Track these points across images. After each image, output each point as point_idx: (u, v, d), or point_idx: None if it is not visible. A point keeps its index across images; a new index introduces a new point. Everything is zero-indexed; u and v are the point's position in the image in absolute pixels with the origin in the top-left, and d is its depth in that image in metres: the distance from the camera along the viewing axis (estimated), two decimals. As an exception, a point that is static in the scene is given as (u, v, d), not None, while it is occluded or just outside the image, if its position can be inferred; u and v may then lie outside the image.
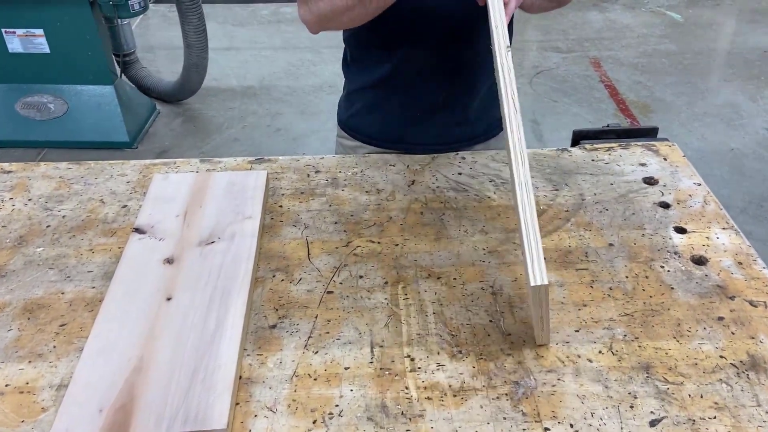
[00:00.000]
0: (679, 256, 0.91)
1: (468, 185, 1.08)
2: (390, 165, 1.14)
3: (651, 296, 0.84)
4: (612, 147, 1.17)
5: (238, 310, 0.80)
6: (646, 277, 0.87)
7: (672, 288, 0.85)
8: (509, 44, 0.80)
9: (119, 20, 3.30)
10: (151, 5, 5.22)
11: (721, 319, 0.80)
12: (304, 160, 1.15)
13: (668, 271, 0.88)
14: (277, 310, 0.83)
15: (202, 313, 0.79)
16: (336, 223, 1.00)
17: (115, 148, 3.15)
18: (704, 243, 0.93)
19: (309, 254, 0.93)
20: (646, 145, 1.17)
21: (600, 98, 3.59)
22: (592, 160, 1.13)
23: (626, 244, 0.93)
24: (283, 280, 0.88)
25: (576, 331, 0.79)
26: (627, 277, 0.87)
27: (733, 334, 0.78)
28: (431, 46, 1.09)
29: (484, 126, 1.21)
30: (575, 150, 1.17)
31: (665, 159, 1.13)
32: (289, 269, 0.90)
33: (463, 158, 1.15)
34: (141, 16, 4.87)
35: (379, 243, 0.95)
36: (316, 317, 0.82)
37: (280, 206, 1.04)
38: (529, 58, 4.09)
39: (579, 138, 1.21)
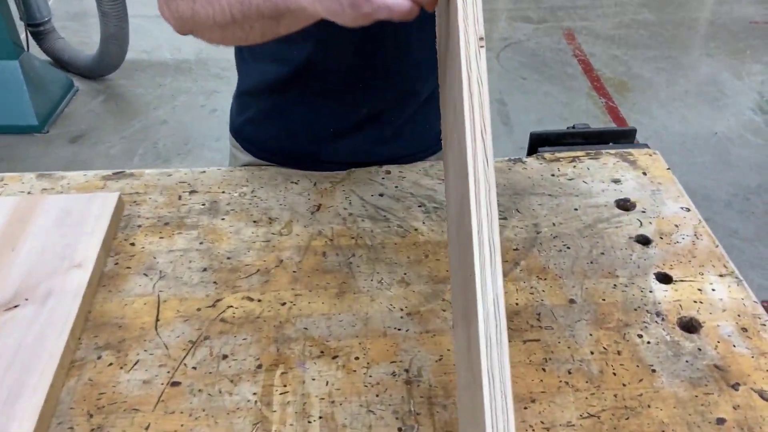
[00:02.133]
0: (663, 319, 0.69)
1: (390, 211, 0.85)
2: (291, 182, 0.90)
3: (625, 384, 0.63)
4: (577, 156, 0.94)
5: (24, 426, 0.56)
6: (618, 352, 0.66)
7: (653, 371, 0.64)
8: (482, 35, 0.46)
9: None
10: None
11: (721, 421, 0.59)
12: (177, 175, 0.91)
13: (648, 342, 0.67)
14: (92, 416, 0.60)
15: (-35, 435, 0.56)
16: (204, 270, 0.76)
17: (22, 133, 2.83)
18: (696, 298, 0.72)
19: (157, 321, 0.69)
20: (620, 153, 0.95)
21: (573, 74, 3.37)
22: (552, 175, 0.91)
23: (592, 301, 0.72)
24: (111, 364, 0.65)
25: (518, 445, 0.58)
26: (592, 353, 0.66)
27: (738, 448, 0.57)
28: (345, 47, 0.83)
29: (420, 143, 0.96)
30: (531, 161, 0.94)
31: (644, 173, 0.91)
32: (123, 346, 0.66)
33: (388, 172, 0.92)
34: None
35: (259, 301, 0.72)
36: (147, 428, 0.59)
37: (132, 244, 0.79)
38: (497, 29, 3.85)
39: (537, 143, 0.98)
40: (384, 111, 0.91)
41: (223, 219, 0.83)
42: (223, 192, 0.88)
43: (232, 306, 0.71)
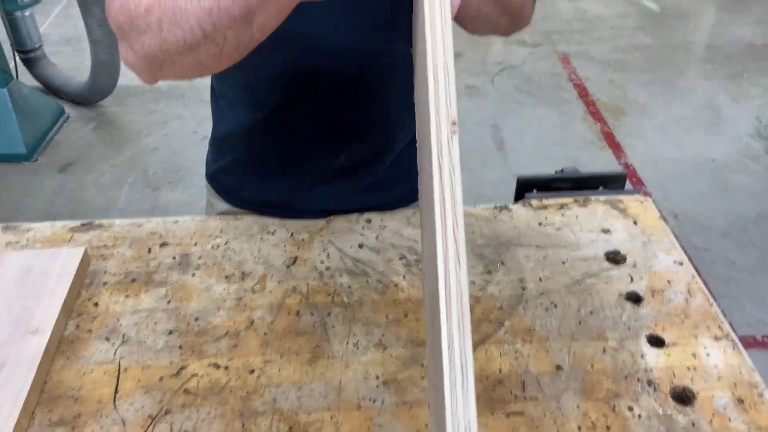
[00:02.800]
0: (655, 389, 0.65)
1: (369, 264, 0.81)
2: (267, 233, 0.86)
3: (614, 464, 0.59)
4: (566, 204, 0.91)
5: None
6: (608, 428, 0.62)
7: (645, 449, 0.60)
8: (455, 119, 0.40)
9: (20, 12, 2.96)
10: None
11: None
12: (149, 226, 0.87)
13: (639, 416, 0.63)
14: (38, 505, 0.56)
15: None
16: (170, 333, 0.72)
17: (10, 161, 2.80)
18: (690, 364, 0.68)
19: (116, 393, 0.65)
20: (610, 200, 0.91)
21: (568, 99, 3.35)
22: (539, 224, 0.87)
23: (580, 367, 0.68)
24: (64, 443, 0.61)
25: None
26: (580, 428, 0.62)
27: None
28: (320, 93, 0.80)
29: (402, 190, 0.93)
30: (518, 208, 0.91)
31: (635, 222, 0.87)
32: (79, 422, 0.62)
33: (369, 221, 0.88)
34: (63, 4, 4.49)
35: (226, 369, 0.68)
36: None
37: (96, 305, 0.75)
38: (491, 54, 3.84)
39: (524, 188, 0.95)
40: (362, 159, 0.87)
41: (193, 274, 0.80)
42: (196, 244, 0.84)
43: (196, 374, 0.67)
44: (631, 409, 0.63)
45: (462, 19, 0.71)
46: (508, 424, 0.62)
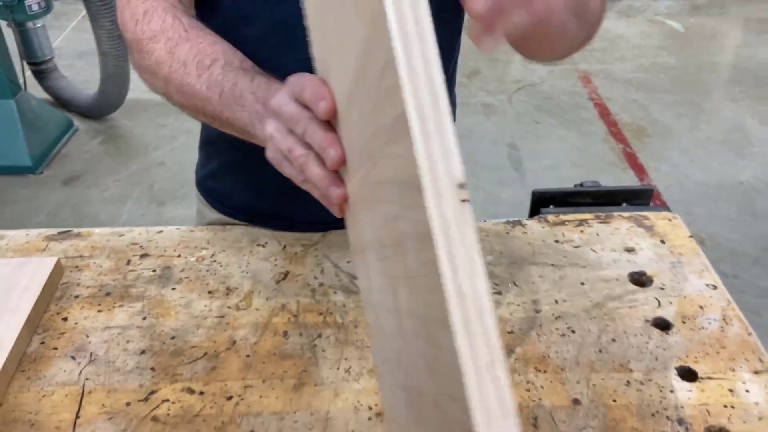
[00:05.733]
0: (687, 430, 0.58)
1: (367, 282, 0.74)
2: (258, 245, 0.80)
3: None
4: (585, 220, 0.84)
5: None
6: (632, 473, 0.54)
7: (675, 500, 0.52)
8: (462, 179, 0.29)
9: (32, 23, 2.97)
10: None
11: None
12: (130, 236, 0.82)
13: (669, 461, 0.55)
14: None
15: None
16: (143, 353, 0.66)
17: (15, 174, 2.78)
18: (726, 401, 0.60)
19: (77, 418, 0.59)
20: (635, 217, 0.84)
21: (589, 119, 3.28)
22: (556, 241, 0.81)
23: (601, 402, 0.60)
24: (11, 476, 0.54)
25: None
26: (599, 473, 0.54)
27: None
28: None
29: None
30: (532, 223, 0.84)
31: (663, 241, 0.80)
32: (30, 451, 0.56)
33: (369, 235, 0.82)
34: (79, 18, 4.53)
35: (201, 394, 0.61)
36: None
37: (64, 319, 0.69)
38: (510, 72, 3.79)
39: (540, 203, 0.88)
40: None
41: (174, 288, 0.74)
42: (179, 256, 0.79)
43: (168, 400, 0.61)
44: (659, 452, 0.56)
45: (537, 37, 0.57)
46: (516, 467, 0.55)
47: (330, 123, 0.47)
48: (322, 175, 0.48)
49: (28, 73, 3.09)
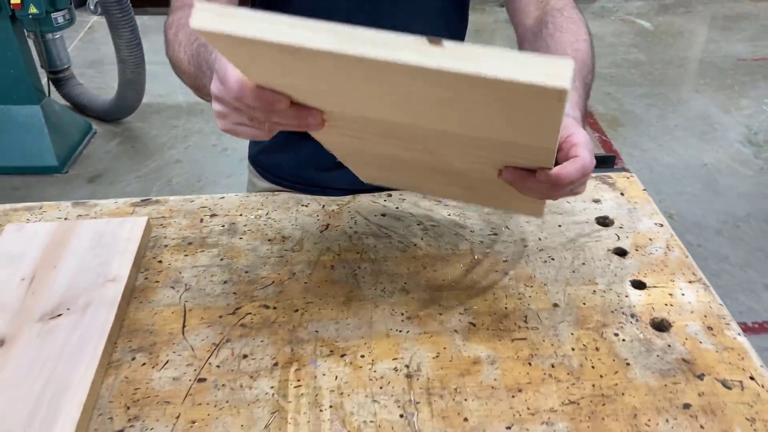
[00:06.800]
0: (637, 320, 0.76)
1: (391, 229, 0.92)
2: (302, 206, 0.98)
3: (602, 375, 0.69)
4: (562, 180, 1.02)
5: (70, 416, 0.63)
6: (597, 348, 0.73)
7: (628, 364, 0.71)
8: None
9: (51, 35, 3.12)
10: (95, 18, 5.01)
11: (687, 406, 0.66)
12: (199, 201, 0.99)
13: (623, 340, 0.74)
14: (128, 408, 0.67)
15: (21, 423, 0.62)
16: (225, 282, 0.83)
17: (43, 173, 2.94)
18: (667, 302, 0.79)
19: (184, 327, 0.77)
20: (600, 176, 1.03)
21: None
22: (539, 196, 0.99)
23: (574, 305, 0.79)
24: (144, 364, 0.72)
25: (507, 428, 0.64)
26: (573, 349, 0.73)
27: (702, 428, 0.64)
28: None
29: None
30: (520, 184, 1.02)
31: (622, 194, 0.99)
32: (154, 349, 0.74)
33: (389, 195, 1.00)
34: (86, 29, 4.67)
35: (274, 308, 0.79)
36: (177, 417, 0.66)
37: (160, 262, 0.87)
38: (494, 70, 3.97)
39: (525, 169, 1.06)
40: None
41: (240, 238, 0.91)
42: (241, 215, 0.96)
43: (250, 313, 0.78)
44: (616, 335, 0.74)
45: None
46: (512, 347, 0.73)
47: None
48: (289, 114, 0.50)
49: (49, 81, 3.24)
